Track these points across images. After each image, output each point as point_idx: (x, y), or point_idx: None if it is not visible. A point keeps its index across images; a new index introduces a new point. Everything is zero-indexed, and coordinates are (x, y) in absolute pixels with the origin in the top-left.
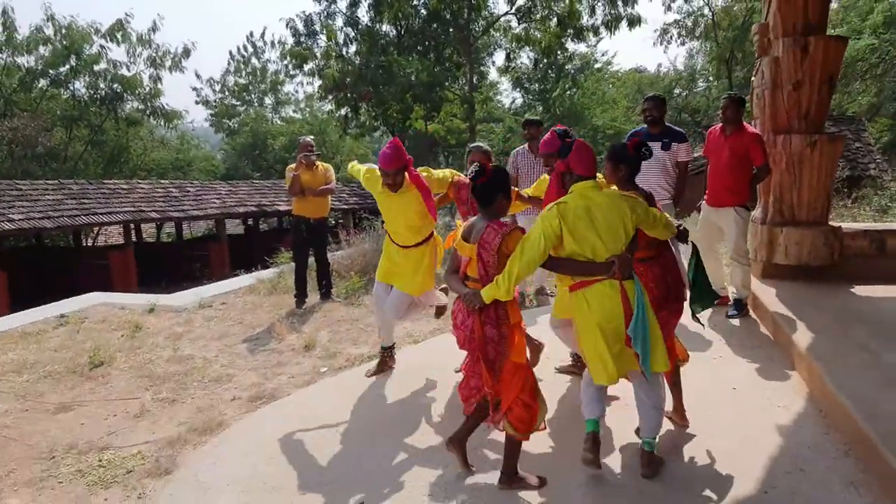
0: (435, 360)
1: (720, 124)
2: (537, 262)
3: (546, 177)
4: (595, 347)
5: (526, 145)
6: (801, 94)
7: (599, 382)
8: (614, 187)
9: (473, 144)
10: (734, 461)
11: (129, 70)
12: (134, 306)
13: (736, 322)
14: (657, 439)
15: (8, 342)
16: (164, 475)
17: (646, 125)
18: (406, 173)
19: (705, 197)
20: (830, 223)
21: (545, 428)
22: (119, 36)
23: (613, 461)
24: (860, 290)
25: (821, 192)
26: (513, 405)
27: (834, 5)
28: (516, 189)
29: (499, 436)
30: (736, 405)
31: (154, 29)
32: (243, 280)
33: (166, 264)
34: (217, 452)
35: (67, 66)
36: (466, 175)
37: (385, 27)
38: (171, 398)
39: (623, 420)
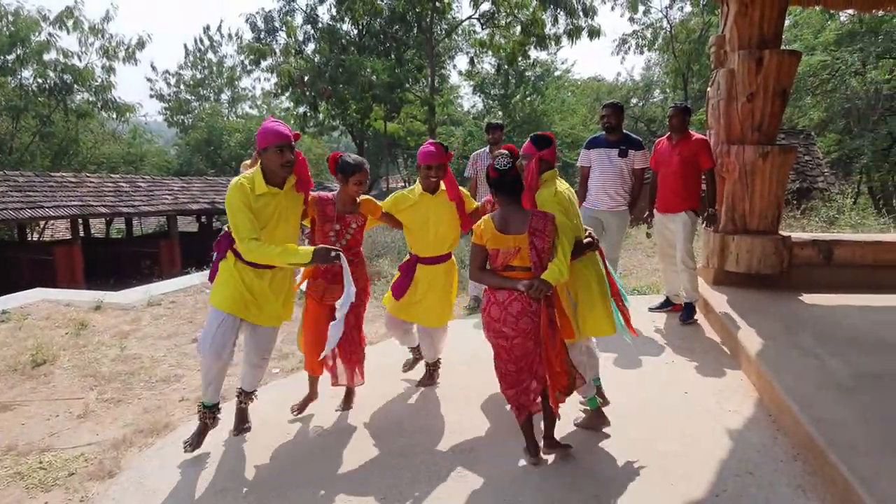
0: (385, 362)
1: (666, 135)
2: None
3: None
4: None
5: (487, 148)
6: (754, 105)
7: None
8: None
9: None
10: (685, 464)
11: (80, 60)
12: (79, 303)
13: (688, 328)
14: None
15: None
16: (107, 478)
17: (603, 132)
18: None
19: (656, 206)
20: (780, 233)
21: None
22: (69, 24)
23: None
24: (808, 297)
25: (772, 201)
26: (560, 376)
27: (788, 22)
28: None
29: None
30: (687, 409)
31: (107, 18)
32: (194, 278)
33: (115, 261)
34: (163, 454)
35: (14, 55)
36: (494, 162)
37: (346, 26)
38: (116, 398)
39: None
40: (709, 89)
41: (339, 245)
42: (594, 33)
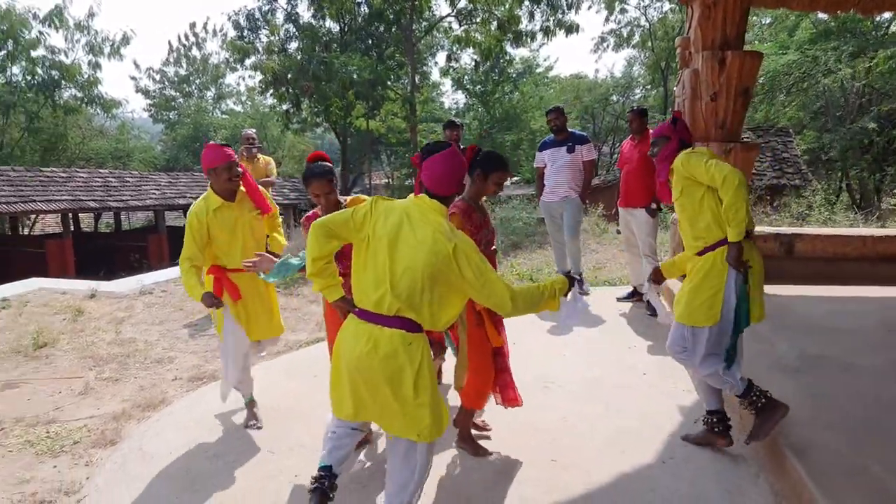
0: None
1: (630, 136)
2: None
3: None
4: None
5: None
6: (718, 104)
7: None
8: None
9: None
10: (638, 436)
11: (66, 57)
12: (75, 292)
13: (652, 317)
14: None
15: None
16: (109, 445)
17: (552, 134)
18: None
19: (619, 202)
20: None
21: None
22: (57, 21)
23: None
24: (769, 289)
25: None
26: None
27: (764, 20)
28: None
29: None
30: (644, 389)
31: (92, 14)
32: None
33: (104, 254)
34: (160, 425)
35: (4, 51)
36: None
37: (328, 24)
38: (114, 377)
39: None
40: (675, 88)
41: None
42: (571, 29)
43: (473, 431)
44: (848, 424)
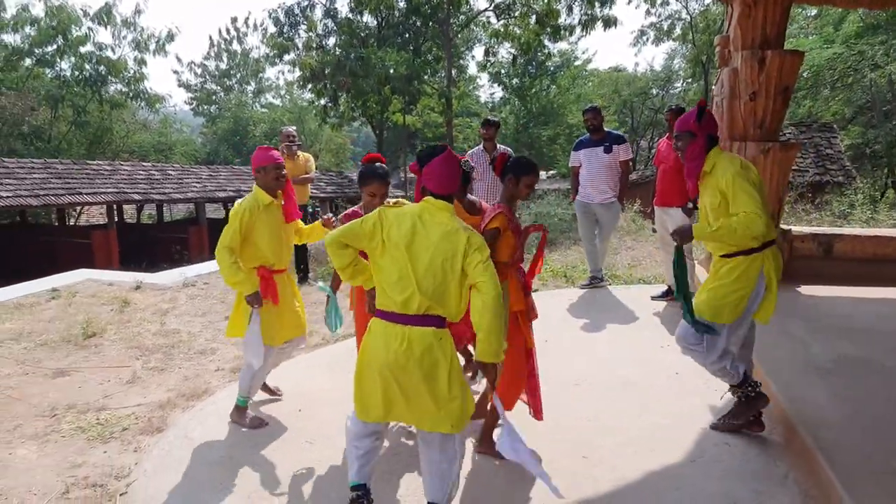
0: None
1: (667, 134)
2: None
3: None
4: None
5: (482, 145)
6: (756, 104)
7: None
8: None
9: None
10: (668, 434)
11: (113, 53)
12: (121, 283)
13: None
14: None
15: (4, 312)
16: (156, 432)
17: (588, 133)
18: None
19: (655, 201)
20: (782, 226)
21: None
22: (105, 18)
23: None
24: (806, 289)
25: (772, 196)
26: None
27: (813, 11)
28: None
29: None
30: (677, 388)
31: (139, 11)
32: None
33: (147, 246)
34: (204, 414)
35: (54, 47)
36: None
37: (366, 18)
38: (159, 367)
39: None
40: (714, 87)
41: None
42: (609, 23)
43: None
44: (878, 426)
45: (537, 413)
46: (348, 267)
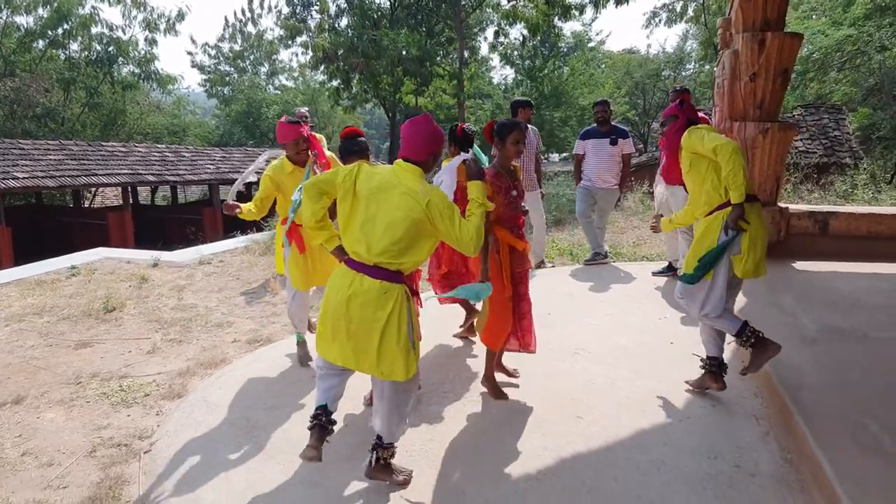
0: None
1: None
2: None
3: None
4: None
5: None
6: (756, 85)
7: None
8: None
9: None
10: (660, 398)
11: (124, 33)
12: (139, 261)
13: None
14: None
15: (26, 289)
16: (177, 398)
17: (596, 124)
18: None
19: (661, 175)
20: (779, 204)
21: None
22: None
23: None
24: (801, 265)
25: (770, 175)
26: None
27: None
28: None
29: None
30: (670, 356)
31: None
32: (239, 241)
33: (161, 226)
34: (222, 381)
35: (62, 28)
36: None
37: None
38: (178, 339)
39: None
40: (716, 69)
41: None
42: (620, 0)
43: (502, 378)
44: (854, 390)
45: (529, 347)
46: (319, 213)
